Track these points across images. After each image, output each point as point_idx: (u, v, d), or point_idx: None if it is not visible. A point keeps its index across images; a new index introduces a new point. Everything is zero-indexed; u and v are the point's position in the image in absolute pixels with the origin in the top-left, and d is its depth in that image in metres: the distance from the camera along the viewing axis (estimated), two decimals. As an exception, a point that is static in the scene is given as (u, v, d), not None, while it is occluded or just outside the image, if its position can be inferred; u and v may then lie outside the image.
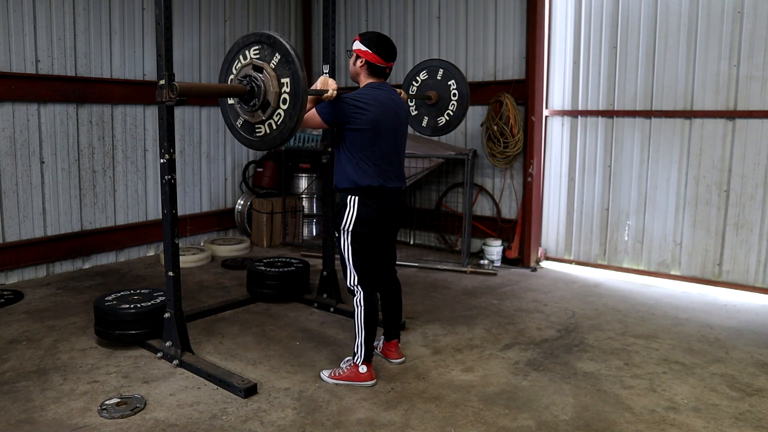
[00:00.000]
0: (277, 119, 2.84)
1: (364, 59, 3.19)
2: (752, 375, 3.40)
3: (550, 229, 5.91)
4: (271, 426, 2.80)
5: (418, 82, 4.37)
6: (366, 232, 3.20)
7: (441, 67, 4.29)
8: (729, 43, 4.79)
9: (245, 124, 3.01)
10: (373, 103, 3.10)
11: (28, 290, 4.79)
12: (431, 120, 4.33)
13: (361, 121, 3.06)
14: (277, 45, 2.81)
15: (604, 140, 5.50)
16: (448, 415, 2.92)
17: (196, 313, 4.16)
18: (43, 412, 2.90)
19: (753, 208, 4.83)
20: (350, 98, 3.09)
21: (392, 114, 3.19)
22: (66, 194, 5.29)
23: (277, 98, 2.81)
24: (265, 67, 2.83)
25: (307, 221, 6.93)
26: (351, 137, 3.12)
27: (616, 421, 2.89)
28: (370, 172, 3.13)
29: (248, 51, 2.93)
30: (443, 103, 4.26)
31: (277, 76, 2.80)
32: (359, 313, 3.23)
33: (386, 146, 3.17)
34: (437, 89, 4.27)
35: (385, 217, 3.23)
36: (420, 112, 4.37)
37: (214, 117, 6.49)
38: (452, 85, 4.23)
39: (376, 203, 3.17)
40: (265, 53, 2.86)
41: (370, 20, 6.86)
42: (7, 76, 4.78)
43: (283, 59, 2.79)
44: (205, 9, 6.30)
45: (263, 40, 2.86)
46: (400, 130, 3.27)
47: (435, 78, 4.29)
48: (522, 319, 4.31)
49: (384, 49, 3.20)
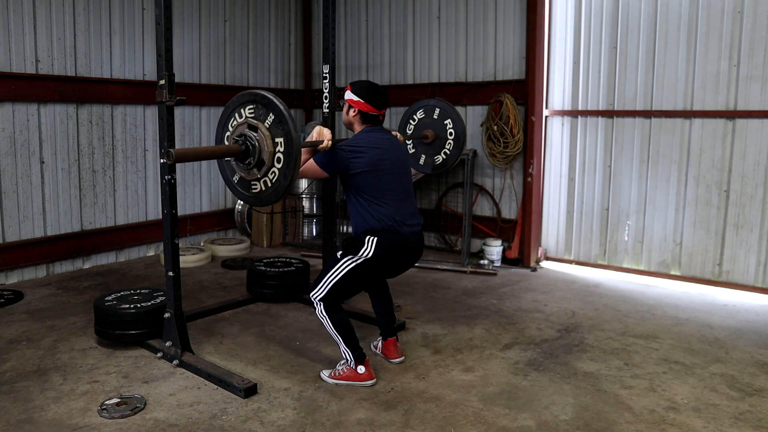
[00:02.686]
0: (272, 177, 2.92)
1: (357, 109, 3.25)
2: (752, 375, 3.41)
3: (550, 229, 5.91)
4: (271, 426, 2.80)
5: (415, 120, 4.50)
6: (376, 266, 3.19)
7: (437, 106, 4.42)
8: (729, 43, 4.79)
9: (241, 181, 3.08)
10: (369, 144, 3.15)
11: (28, 290, 4.79)
12: (429, 158, 4.46)
13: (360, 164, 3.10)
14: (271, 105, 2.88)
15: (604, 140, 5.50)
16: (448, 415, 2.92)
17: (196, 313, 4.16)
18: (43, 412, 2.90)
19: (753, 208, 4.84)
20: (346, 145, 3.14)
21: (390, 152, 3.22)
22: (66, 194, 5.29)
23: (271, 157, 2.89)
24: (259, 126, 2.90)
25: (307, 221, 6.93)
26: (355, 182, 3.15)
27: (616, 421, 2.89)
28: (384, 212, 3.13)
29: (243, 110, 3.01)
30: (440, 142, 4.40)
31: (272, 135, 2.88)
32: (326, 323, 3.21)
33: (392, 184, 3.19)
34: (434, 128, 4.40)
35: (401, 255, 3.25)
36: (417, 150, 4.49)
37: (214, 117, 6.49)
38: (448, 124, 4.36)
39: (394, 242, 3.16)
40: (260, 112, 2.93)
41: (370, 20, 6.86)
42: (7, 76, 4.78)
43: (277, 119, 2.86)
44: (205, 9, 6.30)
45: (258, 99, 2.95)
46: (401, 167, 3.29)
47: (431, 117, 4.42)
48: (522, 319, 4.31)
49: (375, 98, 3.25)
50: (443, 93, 6.29)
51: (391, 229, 3.13)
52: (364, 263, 3.14)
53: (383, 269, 3.26)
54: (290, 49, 7.34)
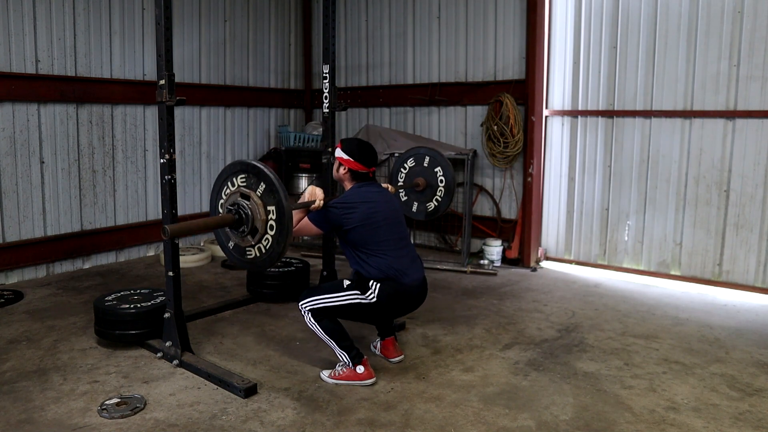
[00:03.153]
0: (266, 244, 2.97)
1: (347, 167, 3.31)
2: (752, 375, 3.40)
3: (550, 229, 5.91)
4: (271, 426, 2.80)
5: (405, 169, 4.59)
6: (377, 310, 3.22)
7: (427, 154, 4.51)
8: (729, 43, 4.79)
9: (236, 247, 3.14)
10: (361, 200, 3.21)
11: (28, 290, 4.79)
12: (421, 205, 4.55)
13: (354, 219, 3.16)
14: (262, 175, 2.94)
15: (604, 140, 5.50)
16: (448, 415, 2.92)
17: (196, 313, 4.16)
18: (43, 412, 2.90)
19: (753, 208, 4.83)
20: (337, 203, 3.21)
21: (382, 205, 3.27)
22: (66, 194, 5.29)
23: (264, 225, 2.95)
24: (251, 195, 2.96)
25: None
26: (351, 238, 3.20)
27: (616, 421, 2.89)
28: (385, 263, 3.17)
29: (236, 178, 3.07)
30: (431, 190, 4.49)
31: (264, 204, 2.94)
32: (316, 330, 3.25)
33: (386, 236, 3.23)
34: (424, 176, 4.50)
35: (404, 303, 3.30)
36: (410, 198, 4.59)
37: (214, 117, 6.49)
38: (438, 171, 4.45)
39: (396, 291, 3.19)
40: (251, 182, 2.99)
41: (370, 20, 6.86)
42: (7, 76, 4.78)
43: (268, 188, 2.92)
44: (205, 9, 6.30)
45: (249, 169, 3.01)
46: (394, 218, 3.33)
47: (422, 165, 4.52)
48: (522, 319, 4.31)
49: (364, 156, 3.31)
50: (443, 93, 6.29)
51: (394, 278, 3.18)
52: (367, 305, 3.18)
53: (384, 313, 3.33)
54: (290, 49, 7.34)
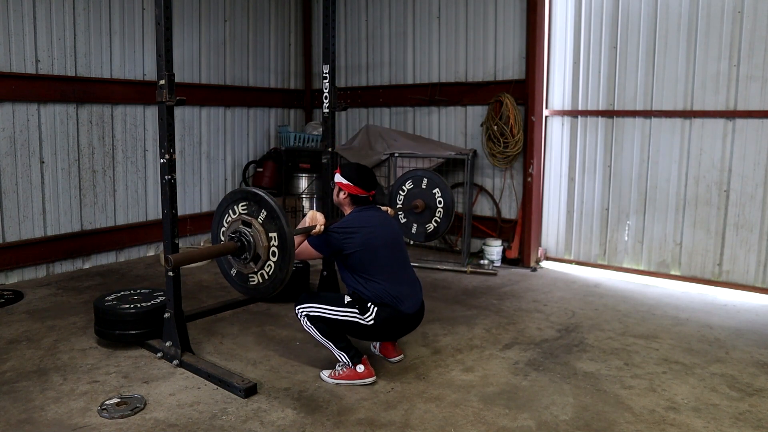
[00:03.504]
0: (268, 270, 2.98)
1: (347, 192, 3.32)
2: (752, 375, 3.40)
3: (550, 229, 5.91)
4: (271, 426, 2.80)
5: (404, 191, 4.62)
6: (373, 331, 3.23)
7: (425, 176, 4.54)
8: (729, 43, 4.79)
9: (239, 274, 3.14)
10: (361, 224, 3.22)
11: (28, 290, 4.79)
12: (420, 227, 4.59)
13: (354, 244, 3.17)
14: (263, 202, 2.94)
15: (604, 140, 5.50)
16: (448, 415, 2.92)
17: (196, 313, 4.16)
18: (43, 412, 2.90)
19: (753, 208, 4.83)
20: (338, 227, 3.21)
21: (381, 229, 3.28)
22: (66, 194, 5.29)
23: (266, 251, 2.95)
24: (253, 222, 2.97)
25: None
26: (351, 262, 3.21)
27: (616, 421, 2.89)
28: (382, 289, 3.18)
29: (237, 206, 3.07)
30: (430, 212, 4.53)
31: (265, 230, 2.95)
32: (313, 333, 3.26)
33: (386, 260, 3.24)
34: (423, 198, 4.53)
35: (399, 328, 3.31)
36: (409, 220, 4.62)
37: (214, 117, 6.49)
38: (437, 193, 4.48)
39: (392, 316, 3.20)
40: (252, 209, 2.99)
41: (370, 20, 6.86)
42: (7, 76, 4.78)
43: (269, 215, 2.92)
44: (205, 9, 6.30)
45: (249, 197, 3.01)
46: (395, 241, 3.34)
47: (420, 187, 4.55)
48: (522, 319, 4.31)
49: (364, 181, 3.33)
50: (443, 93, 6.29)
51: (391, 305, 3.18)
52: (363, 326, 3.19)
53: (379, 336, 3.34)
54: (290, 49, 7.34)
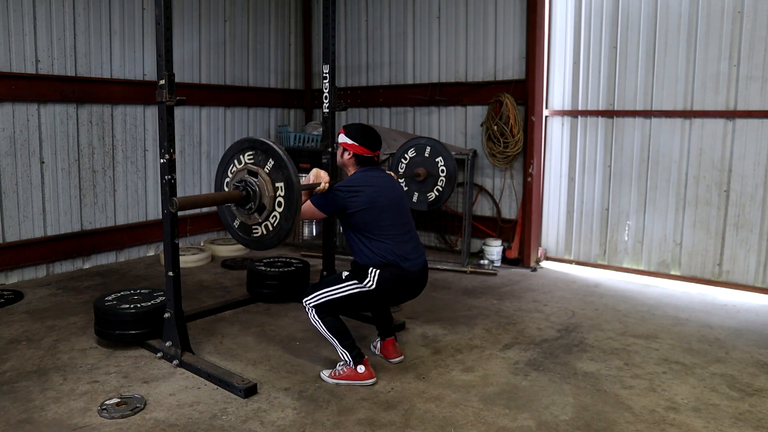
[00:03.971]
0: (273, 221, 2.94)
1: (351, 152, 3.29)
2: (752, 375, 3.41)
3: (550, 229, 5.91)
4: (271, 426, 2.80)
5: (406, 159, 4.56)
6: (377, 297, 3.22)
7: (428, 144, 4.48)
8: (729, 43, 4.79)
9: (242, 226, 3.11)
10: (366, 183, 3.20)
11: (28, 290, 4.79)
12: (422, 195, 4.53)
13: (358, 203, 3.14)
14: (271, 151, 2.91)
15: (604, 140, 5.50)
16: (448, 415, 2.92)
17: (196, 313, 4.15)
18: (43, 412, 2.90)
19: (753, 208, 4.83)
20: (343, 186, 3.19)
21: (387, 189, 3.26)
22: (66, 194, 5.29)
23: (272, 202, 2.92)
24: (259, 172, 2.93)
25: (307, 221, 6.92)
26: (354, 221, 3.18)
27: (616, 421, 2.89)
28: (385, 248, 3.16)
29: (242, 156, 3.03)
30: (432, 180, 4.47)
31: (272, 180, 2.91)
32: (319, 327, 3.24)
33: (391, 221, 3.22)
34: (425, 166, 4.47)
35: (403, 289, 3.28)
36: (411, 188, 4.56)
37: (214, 117, 6.49)
38: (440, 162, 4.42)
39: (396, 276, 3.18)
40: (259, 158, 2.96)
41: (370, 20, 6.86)
42: (7, 76, 4.78)
43: (277, 164, 2.89)
44: (205, 9, 6.30)
45: (257, 146, 2.97)
46: (399, 203, 3.32)
47: (423, 155, 4.49)
48: (522, 319, 4.31)
49: (368, 140, 3.29)
50: (443, 93, 6.29)
51: (394, 264, 3.17)
52: (366, 293, 3.17)
53: (385, 300, 3.31)
54: (290, 49, 7.34)
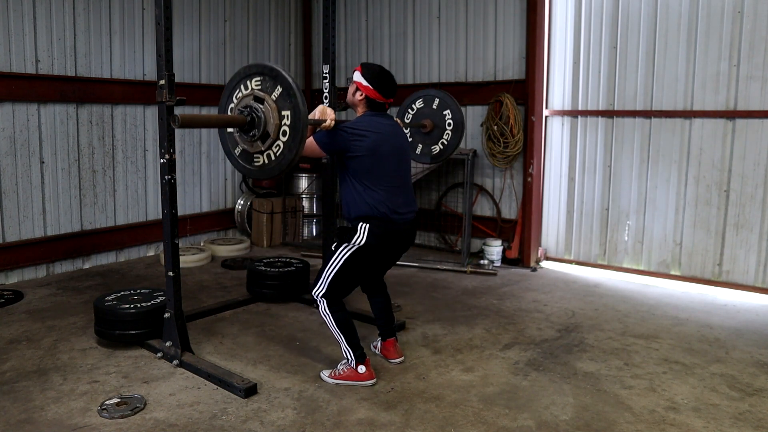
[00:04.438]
0: (276, 150, 2.87)
1: (364, 93, 3.19)
2: (752, 375, 3.41)
3: (550, 229, 5.91)
4: (271, 426, 2.80)
5: (413, 110, 4.45)
6: (367, 258, 3.18)
7: (437, 96, 4.37)
8: (729, 43, 4.79)
9: (243, 153, 3.04)
10: (371, 129, 3.11)
11: (28, 290, 4.79)
12: (426, 148, 4.41)
13: (361, 147, 3.07)
14: (280, 78, 2.84)
15: (604, 140, 5.50)
16: (448, 415, 2.92)
17: (196, 313, 4.16)
18: (43, 412, 2.90)
19: (753, 208, 4.83)
20: (348, 127, 3.10)
21: (392, 139, 3.19)
22: (66, 194, 5.29)
23: (277, 130, 2.84)
24: (266, 98, 2.86)
25: (307, 221, 6.93)
26: (353, 165, 3.12)
27: (616, 421, 2.89)
28: (379, 199, 3.11)
29: (250, 81, 2.96)
30: (438, 132, 4.35)
31: (278, 108, 2.83)
32: (329, 321, 3.21)
33: (390, 171, 3.17)
34: (432, 118, 4.36)
35: (394, 243, 3.23)
36: (415, 140, 4.44)
37: (214, 117, 6.48)
38: (447, 114, 4.31)
39: (386, 232, 3.14)
40: (267, 85, 2.89)
41: (370, 20, 6.86)
42: (7, 76, 4.78)
43: (285, 92, 2.82)
44: (205, 9, 6.30)
45: (265, 71, 2.89)
46: (402, 154, 3.26)
47: (431, 107, 4.37)
48: (522, 319, 4.31)
49: (385, 86, 3.19)
50: (443, 93, 6.29)
51: (383, 216, 3.11)
52: (358, 251, 3.13)
53: (377, 256, 3.23)
54: (290, 49, 7.34)
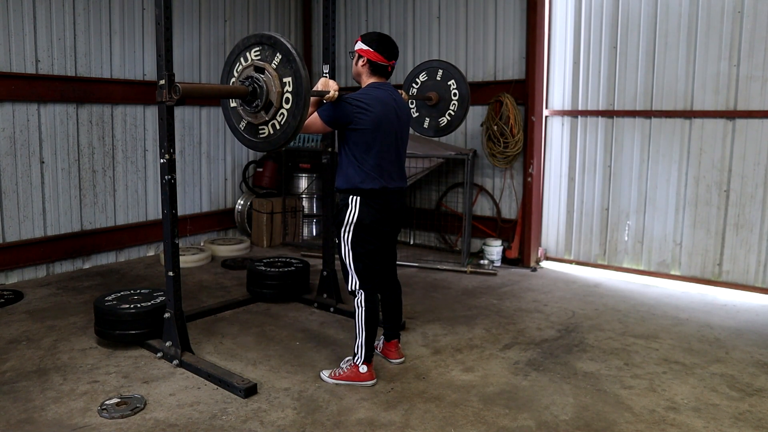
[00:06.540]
0: (281, 119, 2.83)
1: (366, 58, 3.21)
2: (752, 375, 3.41)
3: (550, 229, 5.91)
4: (271, 426, 2.80)
5: (418, 83, 4.36)
6: (366, 233, 3.20)
7: (440, 67, 4.28)
8: (729, 43, 4.79)
9: (248, 126, 3.00)
10: (375, 103, 3.11)
11: (28, 290, 4.79)
12: (433, 121, 4.32)
13: (364, 121, 3.07)
14: (278, 45, 2.81)
15: (604, 140, 5.50)
16: (448, 415, 2.92)
17: (196, 313, 4.16)
18: (43, 412, 2.90)
19: (753, 208, 4.83)
20: (352, 98, 3.10)
21: (394, 114, 3.20)
22: (66, 194, 5.29)
23: (279, 98, 2.80)
24: (266, 67, 2.82)
25: (307, 221, 6.93)
26: (354, 138, 3.12)
27: (616, 421, 2.89)
28: (372, 174, 3.13)
29: (249, 53, 2.93)
30: (444, 104, 4.26)
31: (279, 75, 2.80)
32: (360, 313, 3.23)
33: (388, 146, 3.18)
34: (437, 90, 4.26)
35: (385, 217, 3.23)
36: (421, 114, 4.36)
37: (214, 117, 6.49)
38: (452, 85, 4.22)
39: (377, 204, 3.18)
40: (266, 54, 2.85)
41: (370, 20, 6.86)
42: (7, 76, 4.78)
43: (285, 59, 2.79)
44: (205, 9, 6.30)
45: (264, 41, 2.87)
46: (401, 129, 3.28)
47: (435, 79, 4.28)
48: (522, 319, 4.31)
49: (386, 47, 3.21)
50: (443, 93, 6.29)
51: (374, 191, 3.13)
52: (356, 227, 3.16)
53: (374, 227, 3.21)
54: (290, 49, 7.33)
